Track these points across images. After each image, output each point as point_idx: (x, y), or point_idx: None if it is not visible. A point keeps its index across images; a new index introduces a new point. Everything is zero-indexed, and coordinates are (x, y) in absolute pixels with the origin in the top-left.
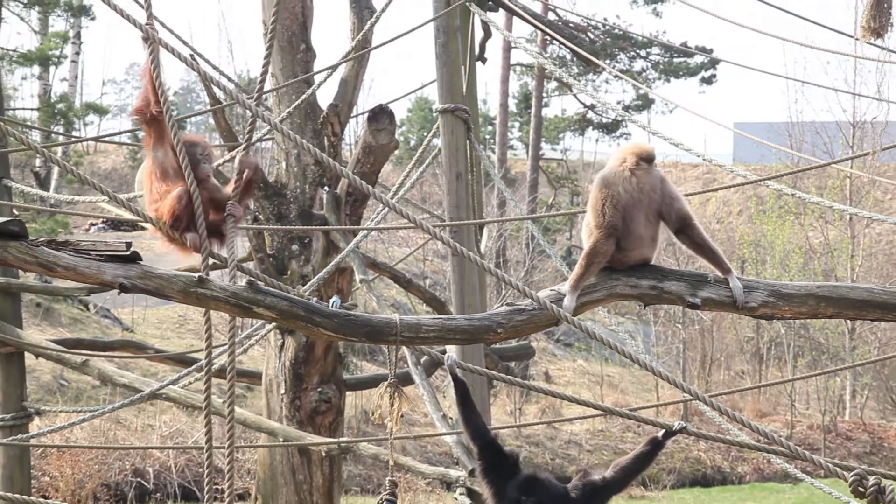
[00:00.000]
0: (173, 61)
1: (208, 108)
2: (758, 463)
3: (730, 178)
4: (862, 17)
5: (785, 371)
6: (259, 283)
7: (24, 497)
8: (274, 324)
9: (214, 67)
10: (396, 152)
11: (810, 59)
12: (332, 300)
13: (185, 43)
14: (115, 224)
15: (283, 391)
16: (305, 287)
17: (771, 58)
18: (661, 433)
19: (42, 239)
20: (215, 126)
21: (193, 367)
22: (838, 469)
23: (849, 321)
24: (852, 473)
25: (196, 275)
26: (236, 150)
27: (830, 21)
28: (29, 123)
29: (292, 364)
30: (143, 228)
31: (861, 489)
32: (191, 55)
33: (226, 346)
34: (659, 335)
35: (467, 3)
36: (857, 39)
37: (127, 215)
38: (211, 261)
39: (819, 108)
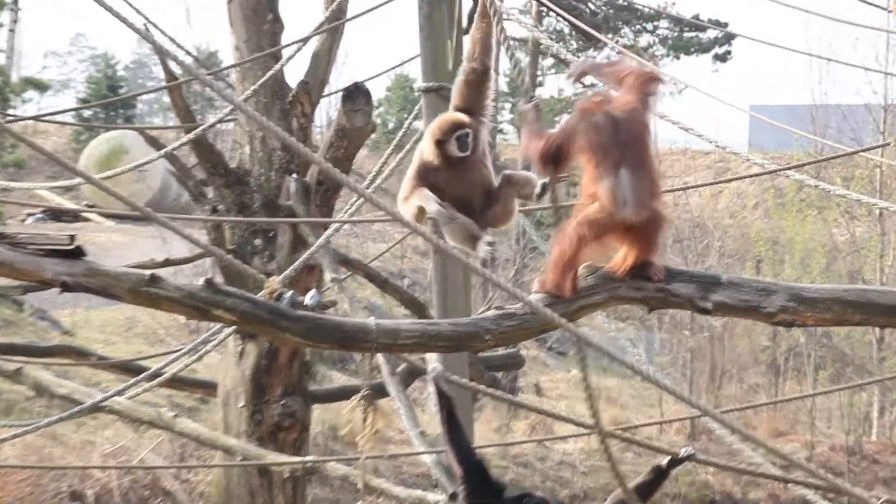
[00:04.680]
0: (124, 31)
1: (163, 84)
2: (773, 488)
3: (745, 168)
4: None
5: (805, 385)
6: (218, 282)
7: None
8: (234, 328)
9: (171, 39)
10: (373, 136)
11: (837, 34)
12: (309, 295)
13: (137, 11)
14: (56, 214)
15: (242, 404)
16: (279, 279)
17: (792, 33)
18: (665, 461)
19: None
20: (171, 104)
21: (141, 375)
22: (865, 496)
23: (878, 329)
24: (881, 501)
25: (147, 272)
26: (193, 132)
27: None
28: None
29: (253, 373)
30: (86, 219)
31: None
32: (145, 25)
33: (179, 353)
34: (664, 343)
35: None
36: (890, 12)
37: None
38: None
39: (846, 90)
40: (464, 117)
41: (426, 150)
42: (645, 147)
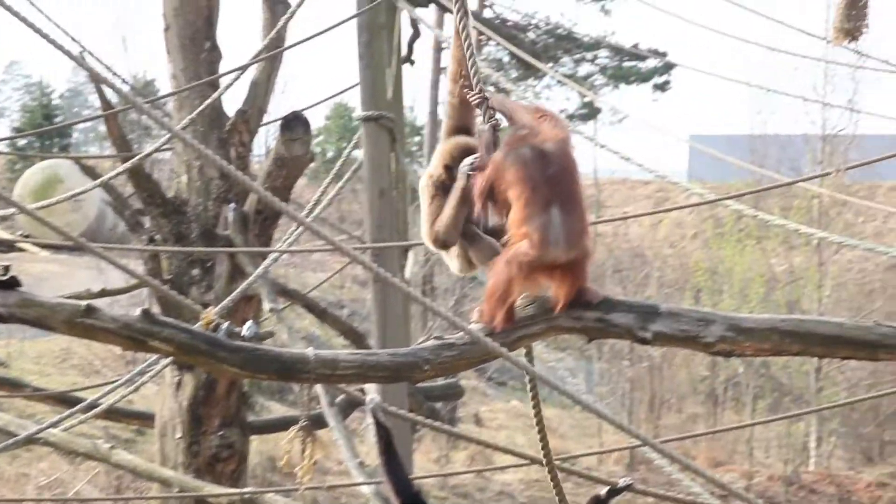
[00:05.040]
0: (60, 59)
1: (99, 112)
2: None
3: (684, 197)
4: (835, 17)
5: (743, 415)
6: (155, 313)
7: None
8: (171, 359)
9: (107, 67)
10: (312, 165)
11: (776, 64)
12: (246, 325)
13: (73, 39)
14: None
15: (179, 435)
16: (216, 310)
17: (732, 63)
18: (604, 491)
19: None
20: (107, 133)
21: (77, 407)
22: None
23: (815, 359)
24: None
25: (83, 303)
26: (129, 161)
27: (798, 22)
28: None
29: (190, 404)
30: (21, 249)
31: None
32: (80, 53)
33: (115, 384)
34: (603, 373)
35: None
36: (828, 42)
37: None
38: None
39: (785, 120)
40: (472, 141)
41: (433, 173)
42: (574, 181)
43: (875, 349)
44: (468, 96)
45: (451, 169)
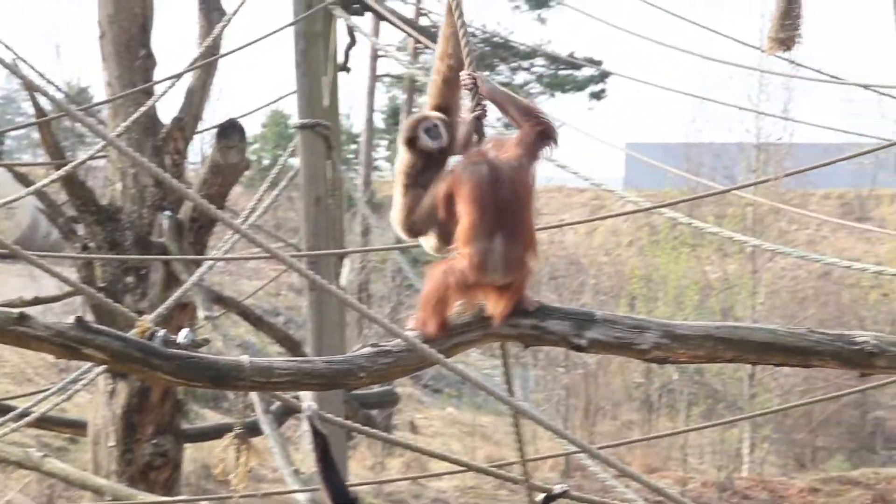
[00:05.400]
0: None
1: (33, 120)
2: None
3: (620, 205)
4: (769, 27)
5: (677, 421)
6: (88, 320)
7: None
8: (104, 367)
9: (40, 75)
10: (248, 173)
11: (710, 73)
12: (182, 333)
13: (6, 46)
14: None
15: (112, 443)
16: (151, 318)
17: (667, 72)
18: (539, 497)
19: None
20: (40, 141)
21: (9, 415)
22: None
23: (749, 366)
24: None
25: (15, 311)
26: (63, 168)
27: (732, 32)
28: None
29: (124, 412)
30: None
31: None
32: (14, 60)
33: (47, 392)
34: (538, 380)
35: (330, 6)
36: (763, 52)
37: None
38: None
39: (720, 128)
40: (429, 112)
41: (402, 158)
42: (525, 206)
43: (808, 356)
44: (461, 79)
45: (413, 140)
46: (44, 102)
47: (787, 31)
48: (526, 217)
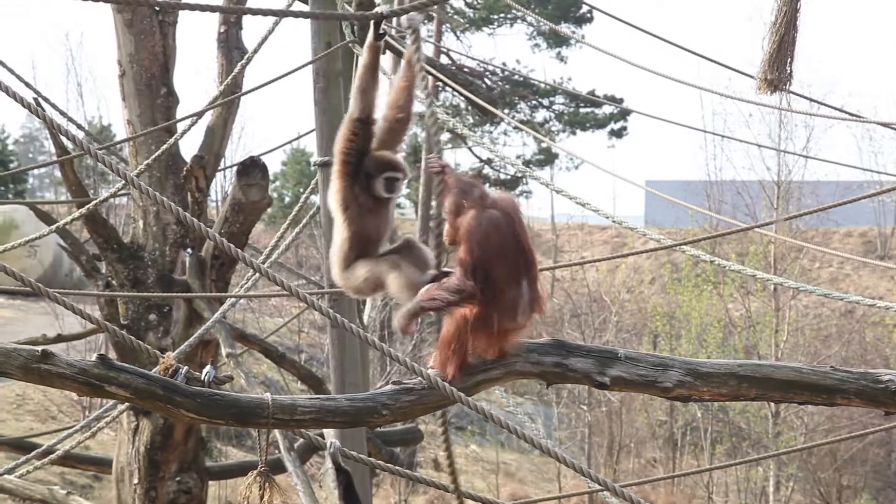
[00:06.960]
0: (14, 106)
1: (54, 158)
2: None
3: (641, 243)
4: (759, 68)
5: (702, 459)
6: (111, 358)
7: None
8: (127, 404)
9: (62, 113)
10: (269, 210)
11: (731, 111)
12: (205, 370)
13: (28, 85)
14: None
15: (136, 480)
16: (174, 355)
17: (687, 110)
18: None
19: None
20: (62, 179)
21: (33, 453)
22: None
23: (773, 404)
24: None
25: (39, 349)
26: (85, 206)
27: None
28: None
29: (148, 450)
30: None
31: None
32: (35, 99)
33: (71, 430)
34: (562, 417)
35: (350, 45)
36: (756, 92)
37: None
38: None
39: (740, 166)
40: (398, 159)
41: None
42: (530, 247)
43: (832, 393)
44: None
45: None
46: (65, 141)
47: (775, 72)
48: (534, 257)
